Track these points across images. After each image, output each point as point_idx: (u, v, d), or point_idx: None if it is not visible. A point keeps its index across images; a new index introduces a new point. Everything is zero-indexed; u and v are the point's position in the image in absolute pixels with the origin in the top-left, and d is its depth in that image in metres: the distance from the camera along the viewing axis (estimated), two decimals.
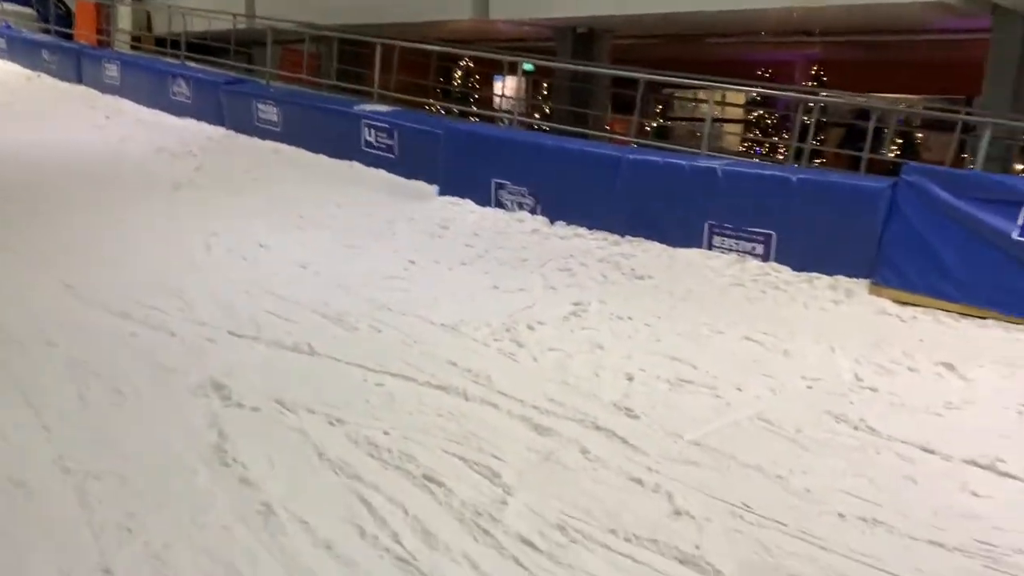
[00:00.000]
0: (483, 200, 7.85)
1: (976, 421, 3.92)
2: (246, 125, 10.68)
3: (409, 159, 9.08)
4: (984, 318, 5.38)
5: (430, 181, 8.56)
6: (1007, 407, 4.09)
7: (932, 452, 3.56)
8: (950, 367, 4.55)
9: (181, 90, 11.52)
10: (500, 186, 7.76)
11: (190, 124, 11.25)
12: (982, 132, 7.40)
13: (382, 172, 9.27)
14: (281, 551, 2.62)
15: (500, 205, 7.76)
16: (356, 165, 9.48)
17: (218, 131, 10.96)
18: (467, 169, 8.03)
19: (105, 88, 12.64)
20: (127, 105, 12.17)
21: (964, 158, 10.38)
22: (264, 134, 10.48)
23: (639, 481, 3.20)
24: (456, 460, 3.28)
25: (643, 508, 3.00)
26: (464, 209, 7.83)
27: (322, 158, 9.76)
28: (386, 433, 3.46)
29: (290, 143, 10.16)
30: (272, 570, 2.53)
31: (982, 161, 6.69)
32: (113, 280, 5.31)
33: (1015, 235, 5.29)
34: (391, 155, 9.29)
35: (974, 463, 3.47)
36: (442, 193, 8.19)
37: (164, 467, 3.09)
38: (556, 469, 3.27)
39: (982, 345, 4.97)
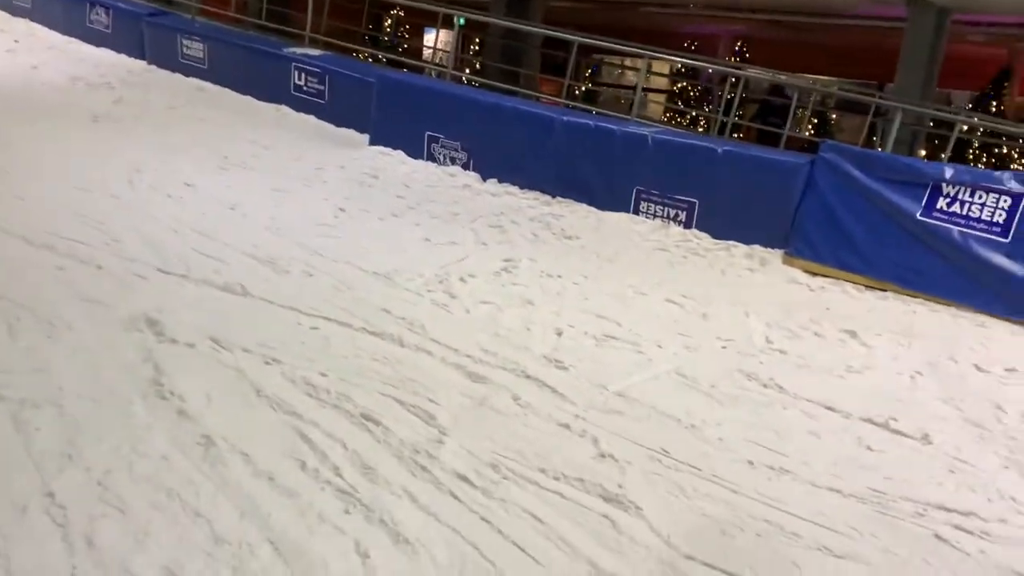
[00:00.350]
0: (415, 152, 7.86)
1: (873, 384, 4.24)
2: (169, 60, 10.31)
3: (340, 106, 8.98)
4: (885, 290, 5.77)
5: (361, 130, 8.50)
6: (901, 372, 4.43)
7: (833, 410, 3.86)
8: (852, 334, 4.88)
9: (100, 18, 11.00)
10: (433, 139, 7.78)
11: (108, 55, 10.78)
12: (893, 116, 7.81)
13: (311, 118, 9.14)
14: (223, 480, 2.69)
15: (432, 158, 7.78)
16: (284, 109, 9.32)
17: (138, 64, 10.54)
18: (400, 120, 8.01)
19: (15, 10, 11.94)
20: (39, 30, 11.54)
21: (874, 140, 10.91)
22: (188, 71, 10.15)
23: (567, 426, 3.37)
24: (393, 402, 3.38)
25: (570, 451, 3.18)
26: (395, 160, 7.82)
27: (249, 99, 9.55)
28: (323, 374, 3.53)
29: (216, 82, 9.88)
30: (214, 498, 2.60)
31: (891, 144, 7.08)
32: (32, 213, 5.14)
33: (919, 215, 5.67)
34: (321, 101, 9.16)
35: (870, 421, 3.78)
36: (373, 143, 8.15)
37: (100, 398, 3.09)
38: (489, 413, 3.41)
39: (882, 315, 5.34)
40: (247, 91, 9.61)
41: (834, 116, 15.64)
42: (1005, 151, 15.06)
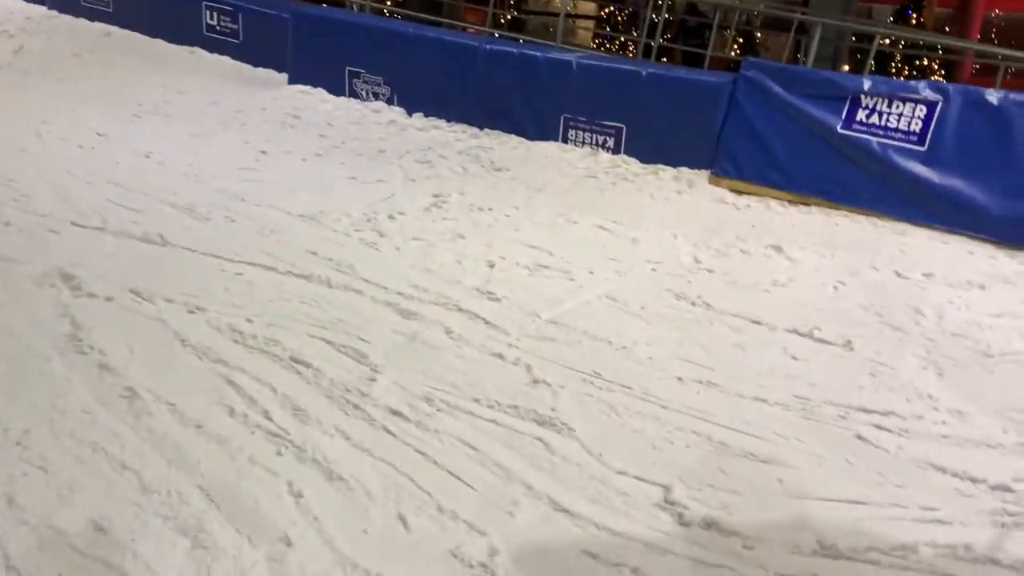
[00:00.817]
0: (336, 89, 7.65)
1: (798, 296, 4.35)
2: (72, 5, 9.76)
3: (255, 45, 8.65)
4: (809, 205, 5.89)
5: (279, 69, 8.22)
6: (824, 283, 4.55)
7: (759, 323, 3.95)
8: (778, 249, 4.98)
9: None
10: (354, 75, 7.57)
11: (4, 2, 10.16)
12: (814, 32, 7.86)
13: (226, 58, 8.80)
14: (149, 431, 2.64)
15: (354, 95, 7.59)
16: (198, 51, 8.94)
17: (38, 10, 9.96)
18: (319, 57, 7.76)
19: None
20: None
21: (799, 58, 10.98)
22: (93, 15, 9.64)
23: (500, 356, 3.39)
24: (322, 343, 3.35)
25: (504, 379, 3.20)
26: (316, 98, 7.61)
27: (160, 43, 9.13)
28: (249, 320, 3.47)
29: (123, 26, 9.40)
30: (140, 449, 2.55)
31: (813, 59, 7.13)
32: None
33: (839, 128, 5.76)
34: (235, 40, 8.81)
35: (795, 331, 3.89)
36: (292, 81, 7.90)
37: (15, 355, 2.99)
38: (421, 348, 3.40)
39: (806, 229, 5.46)
40: (157, 34, 9.18)
41: (759, 35, 15.66)
42: (926, 63, 15.33)
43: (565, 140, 6.83)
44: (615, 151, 6.64)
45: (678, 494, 2.56)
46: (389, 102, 7.43)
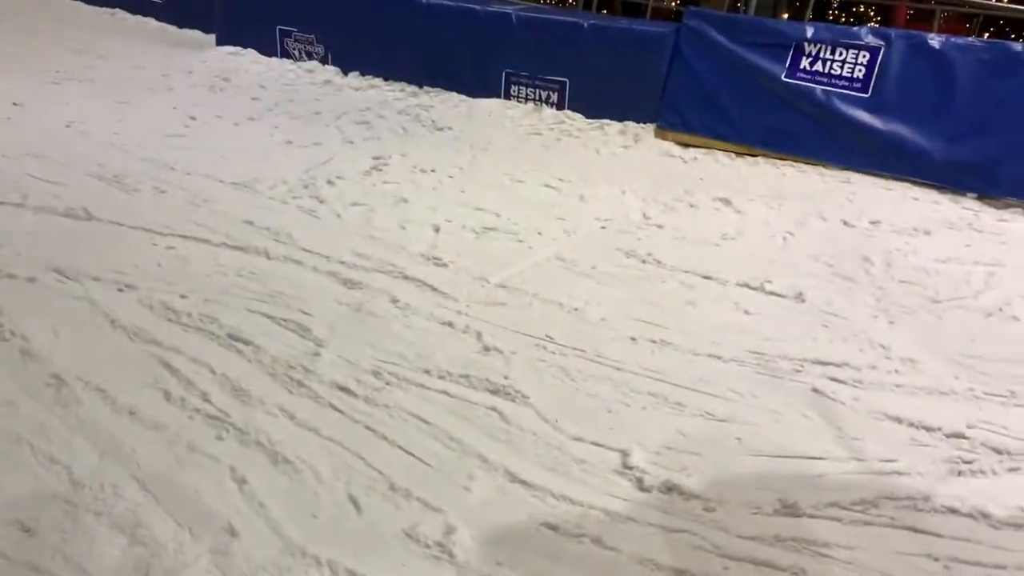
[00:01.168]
0: (267, 50, 7.35)
1: (748, 249, 4.32)
2: None
3: (180, 5, 8.27)
4: (755, 156, 5.85)
5: (206, 30, 7.88)
6: (774, 235, 4.53)
7: (710, 278, 3.91)
8: (726, 202, 4.94)
9: None
10: (286, 34, 7.27)
11: None
12: None
13: (151, 20, 8.41)
14: (79, 421, 2.48)
15: (287, 55, 7.30)
16: (119, 12, 8.53)
17: None
18: (248, 16, 7.43)
19: None
20: None
21: (739, 7, 10.91)
22: None
23: (449, 324, 3.28)
24: (262, 318, 3.20)
25: (454, 348, 3.10)
26: (247, 60, 7.31)
27: (79, 4, 8.68)
28: (183, 296, 3.29)
29: None
30: (69, 441, 2.39)
31: (754, 7, 7.06)
32: None
33: (783, 76, 5.70)
34: (158, 0, 8.40)
35: (746, 285, 3.85)
36: (221, 43, 7.57)
37: None
38: (367, 319, 3.27)
39: (753, 181, 5.43)
40: None
41: None
42: (862, 9, 15.44)
43: (508, 96, 6.67)
44: (559, 106, 6.51)
45: (636, 459, 2.50)
46: (323, 61, 7.17)
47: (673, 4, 11.86)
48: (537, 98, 6.60)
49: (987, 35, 15.47)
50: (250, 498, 2.23)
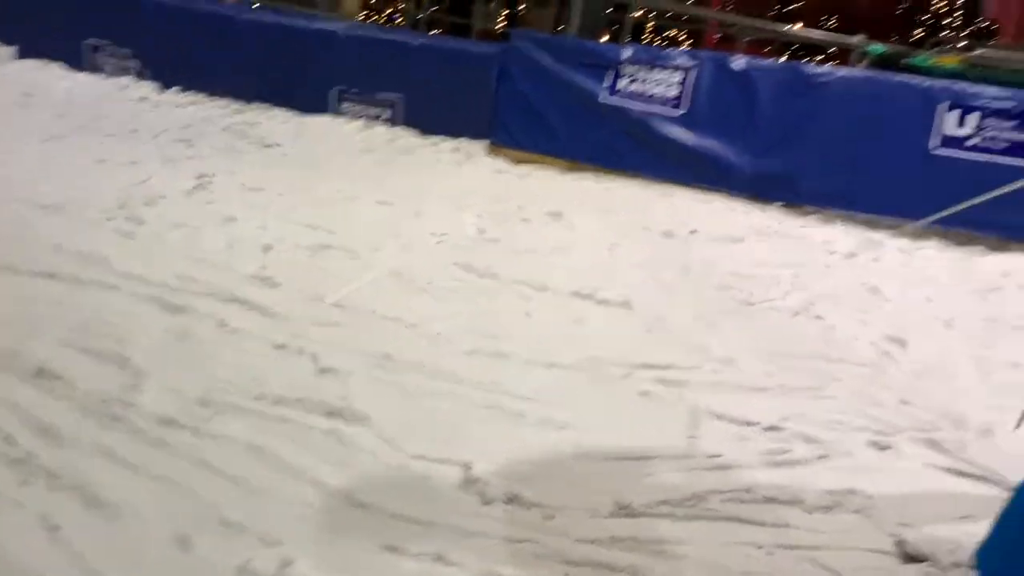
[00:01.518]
0: (75, 64, 6.88)
1: (579, 260, 4.47)
2: None
3: None
4: (583, 171, 6.08)
5: (6, 41, 7.26)
6: (602, 246, 4.71)
7: (545, 289, 4.01)
8: (557, 216, 5.09)
9: None
10: (96, 48, 6.83)
11: None
12: (575, 4, 8.10)
13: None
14: None
15: (97, 70, 6.86)
16: None
17: None
18: (53, 28, 6.93)
19: None
20: None
21: (562, 29, 11.31)
22: None
23: (283, 347, 3.18)
24: (75, 352, 2.96)
25: (289, 372, 3.00)
26: (52, 75, 6.80)
27: None
28: None
29: None
30: None
31: (576, 29, 7.35)
32: None
33: (604, 96, 5.96)
34: None
35: (578, 295, 3.98)
36: (22, 56, 7.00)
37: None
38: (193, 346, 3.11)
39: (582, 195, 5.63)
40: None
41: (522, 7, 15.99)
42: (674, 33, 16.40)
43: (339, 113, 6.58)
44: (392, 123, 6.50)
45: (478, 472, 2.51)
46: (139, 76, 6.79)
47: (500, 25, 12.13)
48: (369, 115, 6.55)
49: (785, 56, 16.86)
50: (65, 547, 2.05)
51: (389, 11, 15.83)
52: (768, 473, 2.67)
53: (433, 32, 12.31)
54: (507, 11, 15.50)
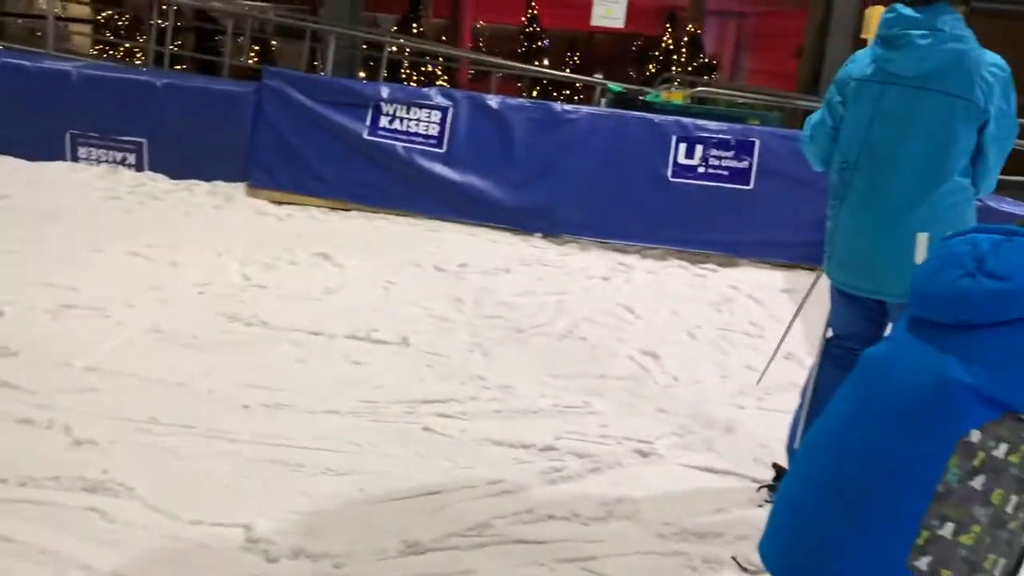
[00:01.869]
0: None
1: (352, 301, 4.45)
2: None
3: None
4: (349, 210, 6.07)
5: None
6: (374, 285, 4.73)
7: (319, 334, 3.95)
8: (325, 256, 5.05)
9: None
10: None
11: None
12: (328, 41, 8.09)
13: None
14: None
15: None
16: None
17: None
18: None
19: None
20: None
21: (317, 65, 11.23)
22: None
23: (29, 421, 2.89)
24: None
25: (38, 448, 2.73)
26: None
27: None
28: None
29: None
30: None
31: (331, 67, 7.34)
32: None
33: (365, 135, 6.01)
34: None
35: (354, 336, 3.97)
36: None
37: None
38: None
39: (350, 234, 5.62)
40: None
41: (275, 42, 15.70)
42: (431, 69, 16.83)
43: (76, 159, 6.10)
44: (139, 168, 6.12)
45: (261, 530, 2.43)
46: None
47: (251, 61, 11.80)
48: (112, 160, 6.13)
49: (536, 91, 17.83)
50: None
51: (128, 46, 14.87)
52: (546, 491, 2.81)
53: (179, 69, 11.74)
54: (258, 47, 15.14)
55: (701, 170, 5.92)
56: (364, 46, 12.65)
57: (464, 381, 3.63)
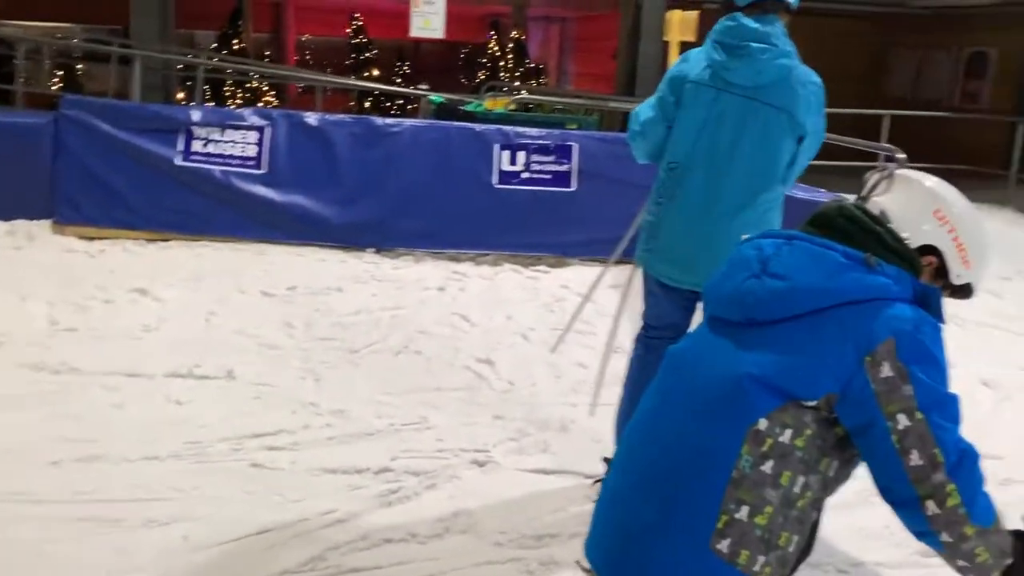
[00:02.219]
0: None
1: (172, 336, 4.24)
2: None
3: None
4: (168, 240, 5.78)
5: None
6: (196, 317, 4.53)
7: (136, 375, 3.75)
8: (143, 292, 4.78)
9: None
10: None
11: None
12: (136, 62, 7.67)
13: None
14: None
15: None
16: None
17: None
18: None
19: None
20: None
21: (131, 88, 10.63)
22: None
23: None
24: None
25: None
26: None
27: None
28: None
29: None
30: None
31: (139, 92, 6.97)
32: None
33: (178, 160, 5.75)
34: None
35: (175, 375, 3.79)
36: None
37: None
38: None
39: (168, 266, 5.35)
40: None
41: (81, 66, 14.72)
42: (255, 85, 16.27)
43: None
44: None
45: None
46: None
47: (55, 87, 11.02)
48: None
49: (368, 102, 17.63)
50: None
51: None
52: (382, 515, 2.79)
53: None
54: (61, 71, 14.15)
55: (525, 176, 6.06)
56: (180, 66, 12.12)
57: (295, 410, 3.54)
